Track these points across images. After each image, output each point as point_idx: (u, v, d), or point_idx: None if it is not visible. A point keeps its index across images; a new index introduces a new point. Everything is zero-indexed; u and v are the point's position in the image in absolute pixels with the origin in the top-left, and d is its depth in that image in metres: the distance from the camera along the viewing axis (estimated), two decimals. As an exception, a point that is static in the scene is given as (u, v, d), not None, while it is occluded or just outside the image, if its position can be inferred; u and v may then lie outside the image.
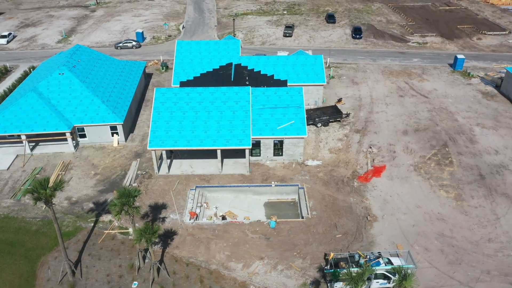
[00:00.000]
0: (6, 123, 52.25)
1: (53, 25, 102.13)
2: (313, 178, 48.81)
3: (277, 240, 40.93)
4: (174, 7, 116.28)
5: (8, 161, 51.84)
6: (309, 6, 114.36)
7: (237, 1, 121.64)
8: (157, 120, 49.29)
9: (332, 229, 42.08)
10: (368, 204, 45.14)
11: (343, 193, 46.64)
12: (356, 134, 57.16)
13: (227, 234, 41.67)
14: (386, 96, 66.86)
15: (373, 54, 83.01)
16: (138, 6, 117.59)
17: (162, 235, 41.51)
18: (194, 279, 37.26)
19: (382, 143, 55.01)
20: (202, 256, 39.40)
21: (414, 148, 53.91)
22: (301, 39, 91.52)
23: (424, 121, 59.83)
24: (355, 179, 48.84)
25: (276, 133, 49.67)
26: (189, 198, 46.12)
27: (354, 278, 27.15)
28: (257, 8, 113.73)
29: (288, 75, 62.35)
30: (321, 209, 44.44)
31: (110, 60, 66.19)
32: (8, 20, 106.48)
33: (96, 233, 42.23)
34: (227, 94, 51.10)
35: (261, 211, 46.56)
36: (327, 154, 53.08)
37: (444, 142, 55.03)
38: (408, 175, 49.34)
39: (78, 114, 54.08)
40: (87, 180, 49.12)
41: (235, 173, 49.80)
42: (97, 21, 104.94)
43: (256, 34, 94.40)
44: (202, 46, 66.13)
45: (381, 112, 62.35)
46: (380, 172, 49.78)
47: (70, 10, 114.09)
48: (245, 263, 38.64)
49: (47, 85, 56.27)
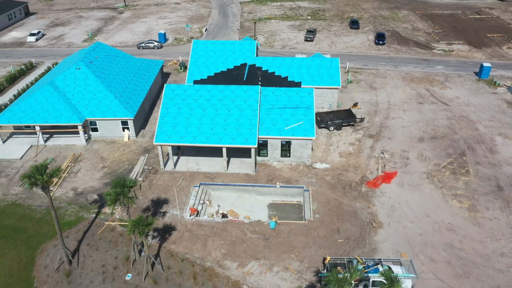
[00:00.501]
0: (22, 114, 53.64)
1: (81, 25, 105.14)
2: (319, 181, 47.51)
3: (275, 241, 39.86)
4: (199, 11, 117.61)
5: (22, 151, 53.08)
6: (334, 12, 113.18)
7: (261, 6, 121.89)
8: (164, 115, 49.37)
9: (334, 233, 40.64)
10: (375, 210, 43.43)
11: (350, 198, 45.12)
12: (369, 139, 55.48)
13: (225, 232, 40.94)
14: (404, 102, 64.80)
15: (395, 61, 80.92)
16: (164, 9, 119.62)
17: (160, 230, 41.25)
18: (188, 275, 36.66)
19: (396, 149, 53.11)
20: (198, 252, 38.80)
21: (428, 156, 51.74)
22: (322, 44, 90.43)
23: (442, 128, 57.47)
24: (363, 184, 47.22)
25: (283, 133, 48.76)
26: (192, 194, 45.74)
27: (340, 281, 25.83)
28: (281, 13, 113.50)
29: (302, 77, 61.43)
30: (325, 212, 43.09)
31: (127, 57, 67.20)
32: (40, 19, 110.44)
33: (97, 224, 42.40)
34: (236, 93, 50.68)
35: (264, 212, 45.61)
36: (336, 158, 51.67)
37: (461, 151, 52.59)
38: (420, 182, 47.28)
39: (91, 108, 54.94)
40: (94, 173, 49.61)
41: (241, 172, 49.15)
42: (123, 22, 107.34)
43: (277, 38, 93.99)
44: (218, 46, 66.19)
45: (397, 118, 60.38)
46: (391, 179, 47.95)
47: (98, 12, 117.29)
48: (241, 263, 37.75)
49: (63, 79, 57.57)
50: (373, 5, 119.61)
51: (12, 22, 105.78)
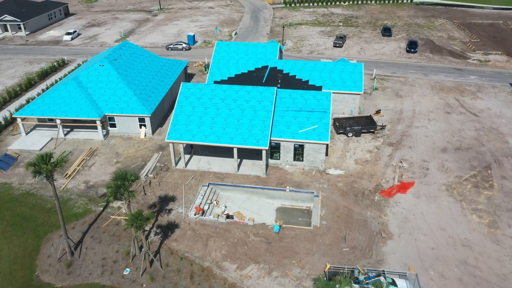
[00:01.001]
0: (45, 107, 55.33)
1: (116, 26, 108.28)
2: (331, 187, 45.92)
3: (278, 246, 38.67)
4: (231, 15, 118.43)
5: (42, 143, 54.67)
6: (367, 19, 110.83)
7: (294, 11, 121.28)
8: (178, 113, 49.44)
9: (340, 241, 38.97)
10: (386, 220, 41.38)
11: (361, 206, 43.26)
12: (389, 147, 53.27)
13: (228, 233, 40.18)
14: (430, 111, 61.98)
15: (425, 69, 77.87)
16: (198, 12, 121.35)
17: (164, 226, 41.05)
18: (185, 274, 36.12)
19: (415, 159, 50.66)
20: (198, 252, 38.22)
21: (450, 167, 48.98)
22: (351, 50, 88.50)
23: (468, 140, 54.39)
24: (377, 193, 45.22)
25: (296, 136, 47.62)
26: (199, 193, 45.34)
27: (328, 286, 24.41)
28: (312, 19, 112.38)
29: (324, 82, 60.06)
30: (333, 219, 41.47)
31: (152, 57, 68.18)
32: (78, 20, 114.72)
33: (103, 217, 42.75)
34: (251, 93, 50.08)
35: (272, 215, 44.46)
36: (352, 165, 49.86)
37: (487, 164, 49.46)
38: (438, 194, 44.73)
39: (111, 104, 55.93)
40: (108, 167, 50.26)
41: (251, 174, 48.34)
42: (155, 24, 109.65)
43: (306, 43, 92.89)
44: (241, 48, 65.97)
45: (421, 127, 57.73)
46: (407, 189, 45.66)
47: (134, 14, 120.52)
48: (240, 265, 36.82)
49: (87, 75, 59.05)
50: (409, 13, 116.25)
51: (52, 21, 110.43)
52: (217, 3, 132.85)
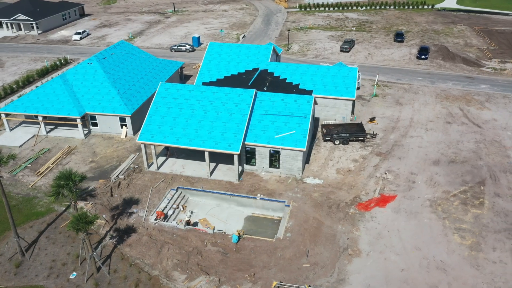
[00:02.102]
0: (28, 104, 55.13)
1: (127, 27, 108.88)
2: (305, 197, 43.07)
3: (234, 257, 36.20)
4: (243, 18, 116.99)
5: (24, 140, 54.42)
6: (382, 24, 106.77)
7: (308, 15, 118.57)
8: (153, 114, 47.93)
9: (302, 256, 36.09)
10: (357, 236, 38.15)
11: (333, 219, 40.19)
12: (376, 157, 49.83)
13: (185, 241, 38.06)
14: (429, 120, 57.92)
15: (434, 76, 73.49)
16: (210, 15, 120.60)
17: (121, 230, 39.40)
18: (131, 281, 34.21)
19: (403, 171, 47.05)
20: (150, 259, 36.27)
21: (439, 181, 45.11)
22: (358, 55, 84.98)
23: (465, 152, 50.20)
24: (354, 205, 42.01)
25: (272, 142, 45.08)
26: (166, 198, 43.52)
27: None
28: (325, 23, 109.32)
29: (315, 86, 57.26)
30: (299, 232, 38.63)
31: (145, 57, 67.27)
32: (92, 20, 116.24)
33: (63, 217, 41.58)
34: (229, 95, 47.98)
35: (239, 224, 42.06)
36: (332, 174, 46.80)
37: (481, 180, 45.27)
38: (420, 210, 41.06)
39: (93, 103, 55.15)
40: (81, 166, 49.26)
41: (224, 179, 46.12)
42: (166, 26, 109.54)
43: (312, 47, 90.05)
44: (233, 49, 64.08)
45: (416, 137, 53.89)
46: (387, 203, 42.23)
47: (147, 16, 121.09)
48: (189, 276, 34.59)
49: (74, 73, 58.64)
50: (428, 19, 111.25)
51: (65, 22, 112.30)
52: (231, 7, 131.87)
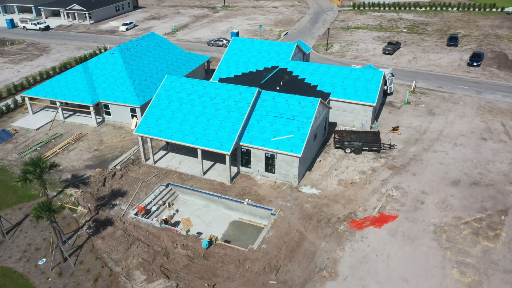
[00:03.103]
0: (49, 89, 56.95)
1: (173, 20, 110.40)
2: (295, 207, 39.80)
3: (200, 264, 34.10)
4: (291, 15, 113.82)
5: (41, 123, 56.31)
6: (438, 27, 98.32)
7: (359, 15, 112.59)
8: (154, 106, 47.08)
9: (272, 271, 33.10)
10: (339, 257, 34.34)
11: (318, 235, 36.61)
12: (388, 170, 45.06)
13: (156, 239, 36.62)
14: (462, 135, 51.53)
15: (482, 86, 65.76)
16: (258, 11, 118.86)
17: (99, 221, 38.90)
18: (91, 275, 33.43)
19: (413, 189, 41.99)
20: (117, 254, 35.29)
21: (453, 205, 39.58)
22: (401, 58, 78.65)
23: (494, 174, 43.79)
24: (346, 221, 38.05)
25: (268, 144, 42.25)
26: (153, 193, 42.46)
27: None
28: (375, 23, 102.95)
29: (334, 88, 53.30)
30: (277, 244, 35.59)
31: (172, 49, 67.00)
32: (143, 13, 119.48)
33: (53, 202, 41.86)
34: (230, 92, 45.79)
35: (223, 228, 39.90)
36: (333, 185, 42.95)
37: (505, 208, 39.04)
38: (420, 236, 36.15)
39: (108, 92, 55.69)
40: (85, 154, 49.79)
41: (217, 180, 44.12)
42: (211, 20, 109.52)
43: (353, 48, 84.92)
44: (256, 45, 61.73)
45: (440, 152, 48.09)
46: (384, 223, 37.75)
47: (196, 10, 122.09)
48: (150, 277, 33.07)
49: (96, 62, 59.71)
50: (493, 23, 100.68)
51: (118, 13, 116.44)
52: (282, 3, 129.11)
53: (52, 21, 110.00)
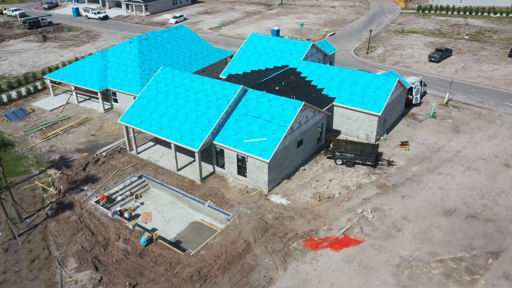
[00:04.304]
0: (67, 73, 59.56)
1: (225, 15, 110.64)
2: (254, 216, 36.88)
3: (132, 261, 32.81)
4: (346, 16, 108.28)
5: (57, 105, 59.11)
6: (507, 35, 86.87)
7: (421, 18, 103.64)
8: (142, 97, 46.77)
9: (199, 280, 30.80)
10: (277, 277, 30.95)
11: (266, 249, 33.44)
12: (375, 189, 40.09)
13: (103, 230, 36.06)
14: (482, 158, 44.36)
15: (533, 105, 56.51)
16: (313, 10, 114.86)
17: (63, 204, 39.38)
18: (31, 256, 33.75)
19: (395, 213, 36.79)
20: (62, 239, 35.32)
21: (435, 238, 33.89)
22: (448, 67, 70.52)
23: (501, 208, 36.85)
24: (304, 239, 34.35)
25: (239, 146, 39.71)
26: (122, 183, 42.14)
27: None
28: (434, 28, 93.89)
29: (340, 93, 48.95)
30: (216, 252, 33.11)
31: (195, 43, 66.62)
32: (198, 7, 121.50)
33: (31, 181, 43.51)
34: (215, 88, 43.87)
35: (180, 228, 38.32)
36: (306, 197, 39.17)
37: (497, 250, 32.53)
38: (379, 268, 31.35)
39: (117, 79, 56.75)
40: (81, 138, 51.12)
41: (189, 177, 42.59)
42: (260, 17, 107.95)
43: (397, 53, 78.04)
44: (271, 43, 58.93)
45: (446, 175, 41.76)
46: (344, 247, 33.42)
47: (251, 6, 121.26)
48: (80, 266, 32.54)
49: (114, 50, 61.26)
50: None
51: (175, 6, 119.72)
52: (342, 3, 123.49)
53: (113, 12, 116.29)
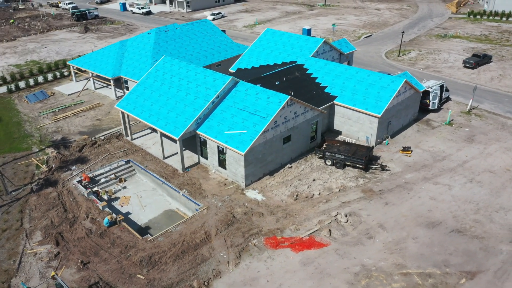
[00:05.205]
0: (87, 60, 62.02)
1: (264, 14, 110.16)
2: (224, 208, 35.85)
3: (92, 240, 33.05)
4: (389, 19, 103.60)
5: (74, 90, 61.68)
6: None
7: (470, 23, 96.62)
8: (141, 84, 47.37)
9: (147, 266, 30.30)
10: (226, 271, 29.70)
11: (225, 243, 32.31)
12: (360, 193, 37.46)
13: (75, 209, 36.72)
14: (489, 171, 40.05)
15: None
16: (354, 12, 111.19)
17: (48, 181, 40.76)
18: (4, 226, 35.09)
19: (372, 220, 34.08)
20: (37, 213, 36.40)
21: (408, 250, 30.89)
22: (484, 74, 64.94)
23: (494, 226, 32.88)
24: (266, 237, 32.79)
25: (219, 137, 38.87)
26: (109, 166, 42.86)
27: None
28: (482, 34, 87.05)
29: (342, 92, 46.60)
30: (174, 240, 32.44)
31: (215, 37, 66.69)
32: (240, 5, 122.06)
33: (29, 157, 45.46)
34: (206, 78, 43.38)
35: (153, 214, 38.17)
36: (283, 195, 37.45)
37: (475, 270, 28.97)
38: (336, 274, 29.07)
39: (129, 68, 58.13)
40: (86, 122, 52.82)
41: (173, 165, 42.43)
42: (298, 17, 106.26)
43: (430, 57, 73.17)
44: (284, 38, 57.47)
45: (443, 185, 38.10)
46: (305, 248, 31.45)
47: (292, 6, 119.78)
48: (43, 240, 33.34)
49: (133, 40, 62.92)
50: None
51: (217, 4, 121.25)
52: (389, 6, 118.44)
53: (158, 8, 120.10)
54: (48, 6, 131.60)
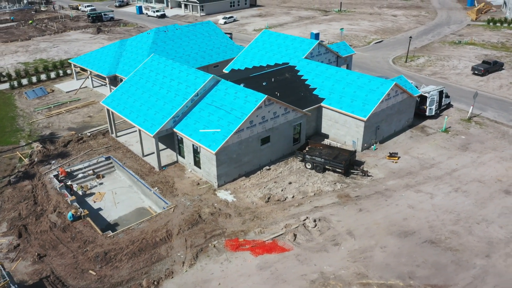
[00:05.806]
0: (87, 58, 62.73)
1: (277, 19, 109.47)
2: (192, 208, 34.94)
3: (54, 233, 32.68)
4: (404, 25, 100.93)
5: (73, 88, 62.45)
6: None
7: (488, 31, 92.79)
8: (127, 81, 47.28)
9: (101, 262, 29.66)
10: (180, 272, 28.70)
11: (185, 243, 31.32)
12: (335, 198, 35.80)
13: (46, 202, 36.57)
14: (478, 181, 37.59)
15: None
16: (369, 18, 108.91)
17: (26, 174, 40.96)
18: (-25, 216, 35.52)
19: (341, 226, 32.39)
20: (9, 204, 36.46)
21: (372, 258, 29.05)
22: (492, 82, 61.85)
23: (472, 238, 30.58)
24: (228, 238, 31.65)
25: (194, 135, 38.10)
26: (88, 161, 42.76)
27: None
28: (499, 41, 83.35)
29: (330, 94, 45.13)
30: (134, 238, 31.70)
31: (218, 39, 66.25)
32: (255, 10, 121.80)
33: (14, 151, 45.96)
34: (189, 76, 42.80)
35: (125, 212, 37.62)
36: (254, 197, 36.22)
37: (443, 285, 26.84)
38: (291, 281, 27.57)
39: (125, 67, 58.38)
40: (77, 118, 53.21)
41: (151, 163, 41.93)
42: (310, 22, 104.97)
43: (439, 64, 70.42)
44: (280, 39, 56.49)
45: (425, 194, 35.97)
46: (266, 252, 30.09)
47: (307, 12, 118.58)
48: (7, 232, 33.28)
49: (133, 39, 63.33)
50: None
51: (232, 8, 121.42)
52: (406, 12, 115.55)
53: (173, 11, 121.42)
54: (69, 8, 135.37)
